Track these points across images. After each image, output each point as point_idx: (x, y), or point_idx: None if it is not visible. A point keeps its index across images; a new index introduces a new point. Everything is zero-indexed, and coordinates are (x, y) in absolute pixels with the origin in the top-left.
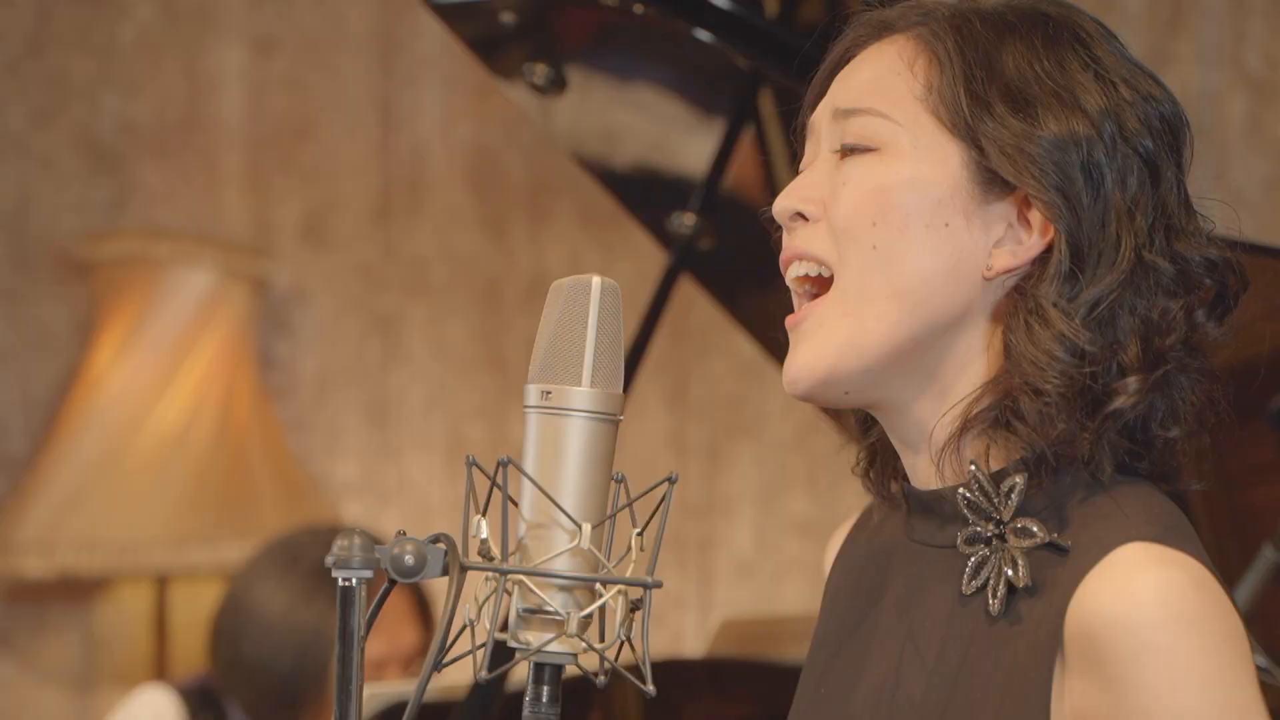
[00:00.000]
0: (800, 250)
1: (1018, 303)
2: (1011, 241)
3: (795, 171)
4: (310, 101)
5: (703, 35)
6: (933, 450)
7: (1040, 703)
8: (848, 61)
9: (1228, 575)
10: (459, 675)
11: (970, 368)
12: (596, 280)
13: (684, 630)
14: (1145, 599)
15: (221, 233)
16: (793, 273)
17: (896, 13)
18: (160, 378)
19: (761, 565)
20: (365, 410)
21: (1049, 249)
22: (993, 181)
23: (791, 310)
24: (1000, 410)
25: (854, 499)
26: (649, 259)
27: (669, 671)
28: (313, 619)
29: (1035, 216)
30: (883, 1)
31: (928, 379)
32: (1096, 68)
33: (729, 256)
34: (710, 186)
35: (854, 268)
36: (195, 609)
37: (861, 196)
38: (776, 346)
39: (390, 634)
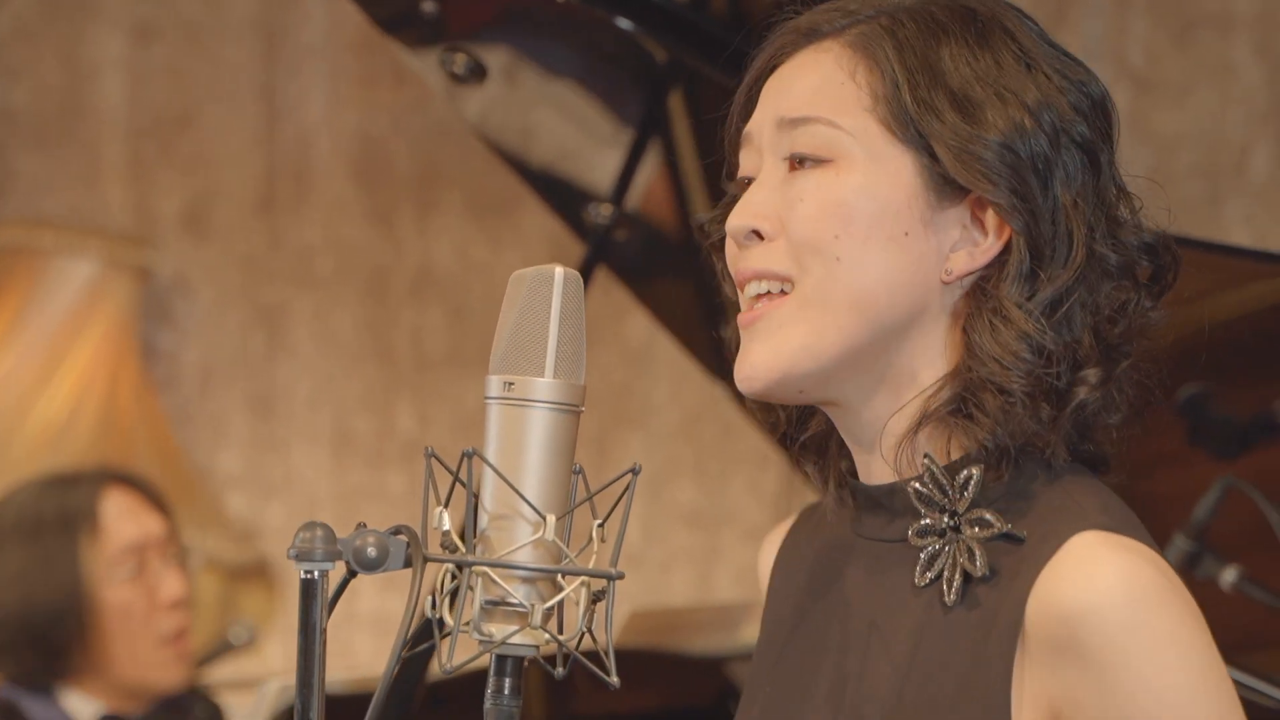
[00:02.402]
0: (760, 270)
1: (979, 303)
2: (967, 244)
3: (704, 166)
4: (192, 90)
5: (623, 24)
6: (884, 445)
7: (1001, 687)
8: (773, 69)
9: None
10: (375, 666)
11: (926, 366)
12: (559, 271)
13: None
14: (1111, 582)
15: (103, 223)
16: (751, 291)
17: (822, 17)
18: (43, 368)
19: (649, 555)
20: (250, 402)
21: (1005, 248)
22: (947, 187)
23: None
24: (961, 404)
25: (742, 489)
26: (537, 249)
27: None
28: (34, 562)
29: (989, 218)
30: (803, 5)
31: (882, 378)
32: (1028, 59)
33: (644, 247)
34: (627, 178)
35: (816, 278)
36: None
37: (820, 210)
38: (689, 337)
39: (137, 521)
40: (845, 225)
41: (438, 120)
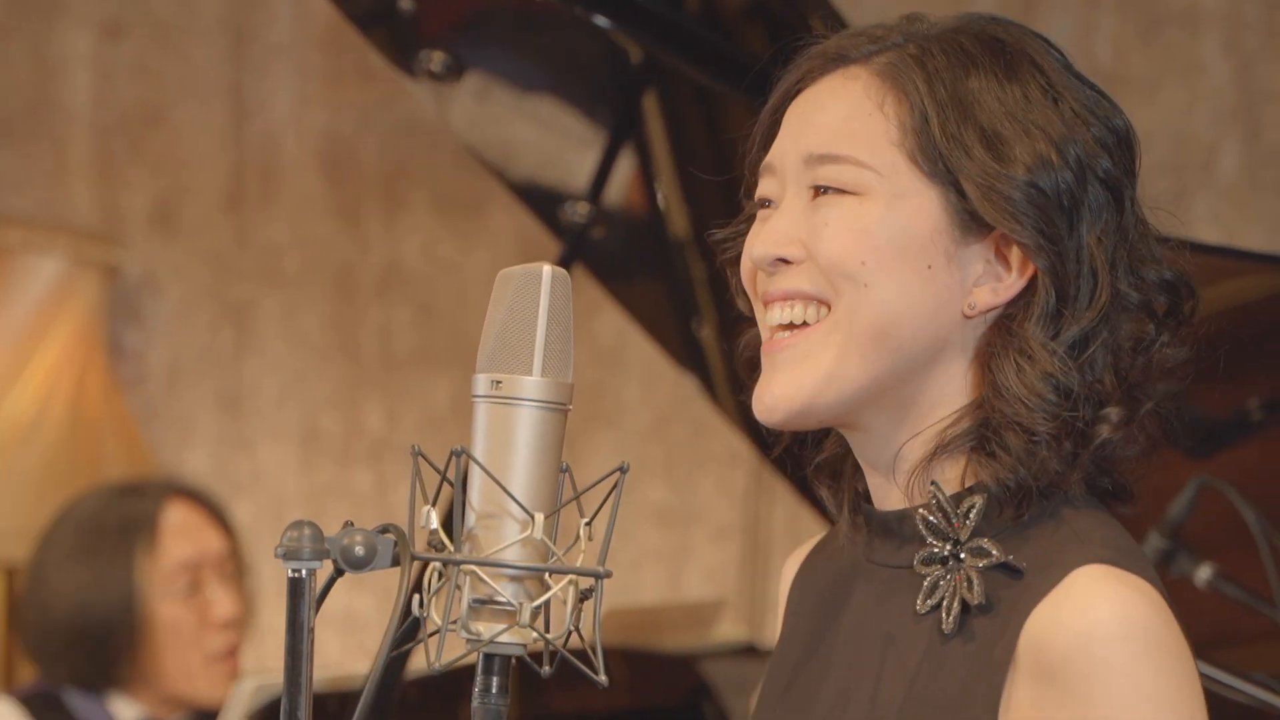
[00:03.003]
0: (790, 290)
1: (1004, 341)
2: (991, 279)
3: (678, 165)
4: (161, 88)
5: (600, 21)
6: (899, 472)
7: (989, 717)
8: (798, 93)
9: None
10: (345, 665)
11: (946, 398)
12: (547, 269)
13: None
14: (1104, 617)
15: (71, 220)
16: (777, 315)
17: (849, 42)
18: (10, 366)
19: (618, 554)
20: (217, 400)
21: (1029, 285)
22: (972, 222)
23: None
24: (982, 440)
25: (712, 488)
26: (506, 248)
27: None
28: (90, 570)
29: (1014, 254)
30: (830, 29)
31: (901, 408)
32: (1054, 93)
33: (619, 245)
34: (603, 175)
35: (848, 301)
36: None
37: (848, 236)
38: (662, 334)
39: (195, 537)
40: (870, 252)
41: (405, 118)
